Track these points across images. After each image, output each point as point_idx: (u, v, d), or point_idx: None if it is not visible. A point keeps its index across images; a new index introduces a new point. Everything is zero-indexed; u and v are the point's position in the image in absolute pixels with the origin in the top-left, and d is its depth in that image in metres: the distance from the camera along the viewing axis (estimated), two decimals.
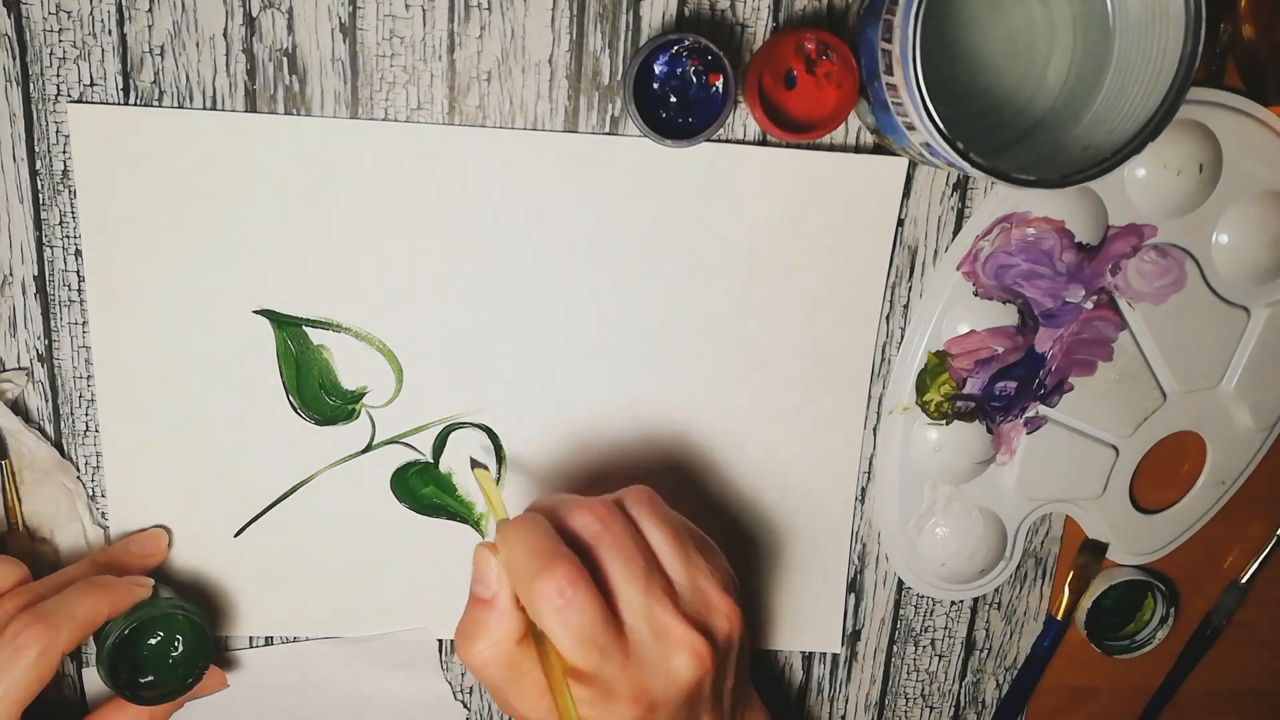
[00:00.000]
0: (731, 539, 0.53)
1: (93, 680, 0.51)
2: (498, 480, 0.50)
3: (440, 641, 0.53)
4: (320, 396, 0.49)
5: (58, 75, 0.45)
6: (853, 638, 0.56)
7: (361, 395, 0.49)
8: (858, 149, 0.48)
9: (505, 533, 0.40)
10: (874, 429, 0.52)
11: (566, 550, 0.38)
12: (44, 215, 0.46)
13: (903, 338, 0.51)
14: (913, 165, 0.49)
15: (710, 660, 0.39)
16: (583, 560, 0.39)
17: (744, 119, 0.48)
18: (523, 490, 0.51)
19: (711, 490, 0.52)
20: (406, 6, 0.45)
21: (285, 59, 0.45)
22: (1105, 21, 0.43)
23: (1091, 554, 0.55)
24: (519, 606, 0.39)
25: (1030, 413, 0.52)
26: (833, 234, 0.49)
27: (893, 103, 0.41)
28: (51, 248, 0.47)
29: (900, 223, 0.50)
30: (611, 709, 0.38)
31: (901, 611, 0.56)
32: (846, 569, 0.54)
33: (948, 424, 0.51)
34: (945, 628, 0.56)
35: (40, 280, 0.47)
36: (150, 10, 0.44)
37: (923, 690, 0.57)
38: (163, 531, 0.50)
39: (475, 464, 0.49)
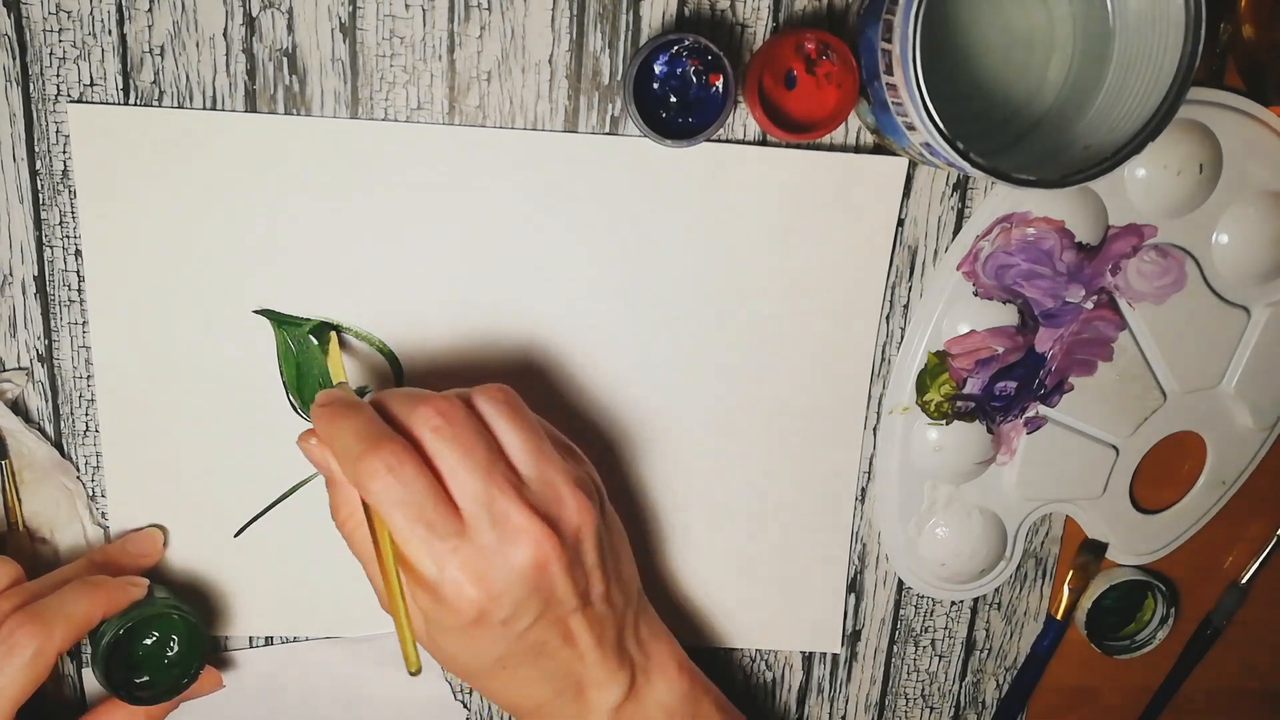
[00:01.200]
0: (731, 538, 0.53)
1: (92, 680, 0.51)
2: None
3: None
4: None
5: (58, 75, 0.45)
6: (853, 638, 0.56)
7: (362, 395, 0.49)
8: (858, 149, 0.48)
9: (327, 419, 0.40)
10: (874, 429, 0.52)
11: (395, 434, 0.39)
12: (44, 215, 0.46)
13: (903, 338, 0.51)
14: (913, 165, 0.49)
15: (555, 550, 0.39)
16: (422, 454, 0.39)
17: (744, 119, 0.48)
18: None
19: (712, 490, 0.52)
20: (406, 6, 0.45)
21: (285, 59, 0.45)
22: (1105, 21, 0.43)
23: (1091, 554, 0.55)
24: None
25: (1030, 413, 0.52)
26: (833, 234, 0.49)
27: (893, 103, 0.41)
28: (51, 248, 0.47)
29: (900, 223, 0.50)
30: (451, 590, 0.38)
31: (901, 611, 0.56)
32: (846, 569, 0.54)
33: (948, 424, 0.51)
34: (945, 628, 0.56)
35: (40, 280, 0.47)
36: (150, 10, 0.44)
37: (923, 690, 0.57)
38: (158, 531, 0.50)
39: (326, 327, 0.48)
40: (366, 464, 0.37)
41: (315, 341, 0.48)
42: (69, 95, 0.45)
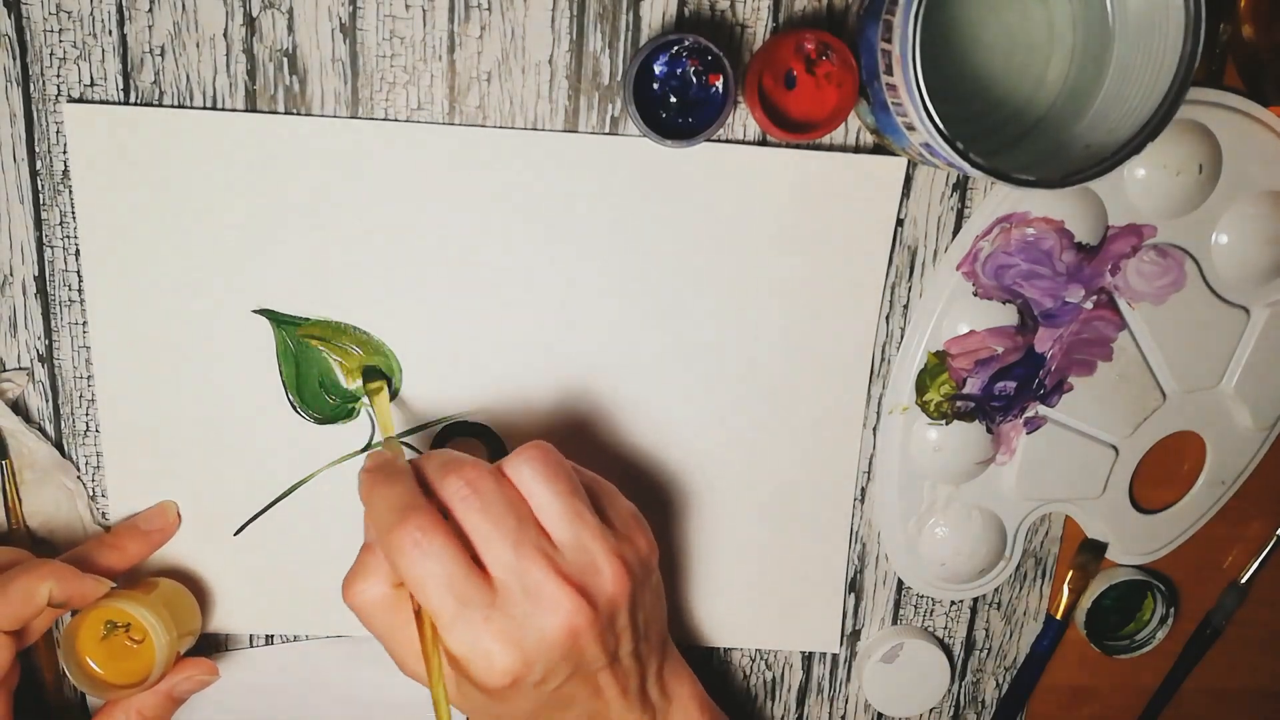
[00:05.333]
0: (731, 539, 0.53)
1: None
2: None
3: None
4: (320, 395, 0.49)
5: (58, 75, 0.45)
6: (853, 638, 0.56)
7: (361, 394, 0.49)
8: (858, 149, 0.48)
9: (368, 486, 0.40)
10: (874, 429, 0.52)
11: (426, 503, 0.39)
12: (44, 215, 0.46)
13: (902, 338, 0.51)
14: (912, 165, 0.49)
15: (587, 620, 0.39)
16: (453, 523, 0.39)
17: (744, 119, 0.48)
18: None
19: (711, 490, 0.52)
20: (406, 6, 0.45)
21: (285, 59, 0.45)
22: (1105, 22, 0.43)
23: (1091, 554, 0.55)
24: None
25: (1030, 413, 0.52)
26: (833, 234, 0.49)
27: (893, 103, 0.41)
28: (52, 248, 0.47)
29: (900, 223, 0.50)
30: (483, 661, 0.38)
31: (901, 611, 0.56)
32: (846, 569, 0.54)
33: (948, 424, 0.51)
34: (945, 627, 0.56)
35: (40, 280, 0.47)
36: (150, 10, 0.44)
37: None
38: (172, 504, 0.49)
39: (370, 377, 0.48)
40: (395, 538, 0.38)
41: (363, 387, 0.49)
42: (69, 95, 0.45)
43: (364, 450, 0.50)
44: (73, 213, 0.46)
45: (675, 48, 0.44)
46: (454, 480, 0.39)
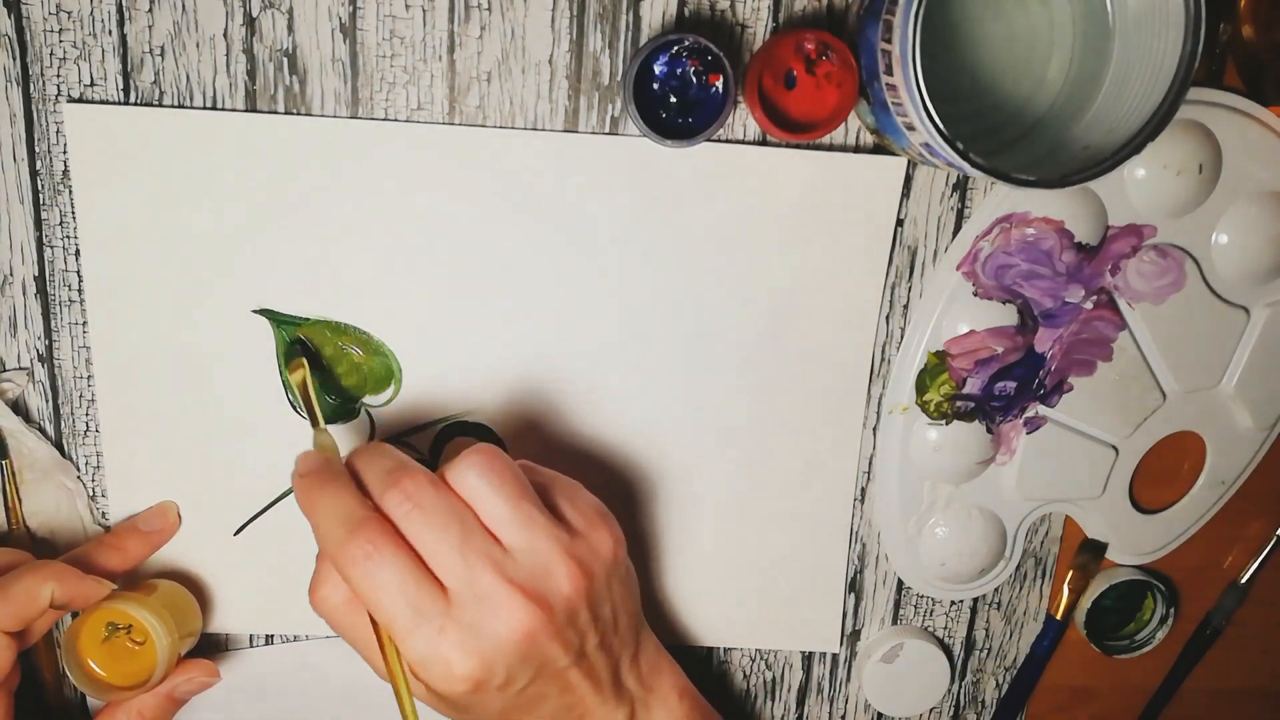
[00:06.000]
0: (731, 539, 0.53)
1: None
2: None
3: None
4: (320, 395, 0.49)
5: (58, 75, 0.45)
6: (853, 638, 0.56)
7: (361, 395, 0.49)
8: (858, 149, 0.48)
9: (311, 499, 0.40)
10: (874, 429, 0.52)
11: (370, 512, 0.39)
12: (44, 215, 0.46)
13: (902, 338, 0.51)
14: (912, 165, 0.49)
15: (541, 623, 0.39)
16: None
17: (744, 119, 0.48)
18: None
19: (711, 490, 0.52)
20: (406, 7, 0.45)
21: (285, 59, 0.45)
22: (1105, 21, 0.43)
23: (1091, 554, 0.55)
24: None
25: (1030, 413, 0.52)
26: (833, 234, 0.49)
27: (893, 103, 0.41)
28: (52, 248, 0.47)
29: (900, 223, 0.50)
30: (443, 668, 0.38)
31: (901, 611, 0.56)
32: (846, 569, 0.54)
33: (947, 424, 0.51)
34: (945, 627, 0.56)
35: (40, 280, 0.47)
36: (150, 10, 0.44)
37: None
38: (172, 504, 0.49)
39: (291, 357, 0.47)
40: (344, 553, 0.38)
41: (283, 370, 0.48)
42: (69, 95, 0.45)
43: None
44: (73, 213, 0.46)
45: (675, 48, 0.44)
46: (394, 495, 0.39)
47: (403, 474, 0.40)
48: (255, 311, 0.48)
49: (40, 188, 0.46)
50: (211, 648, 0.52)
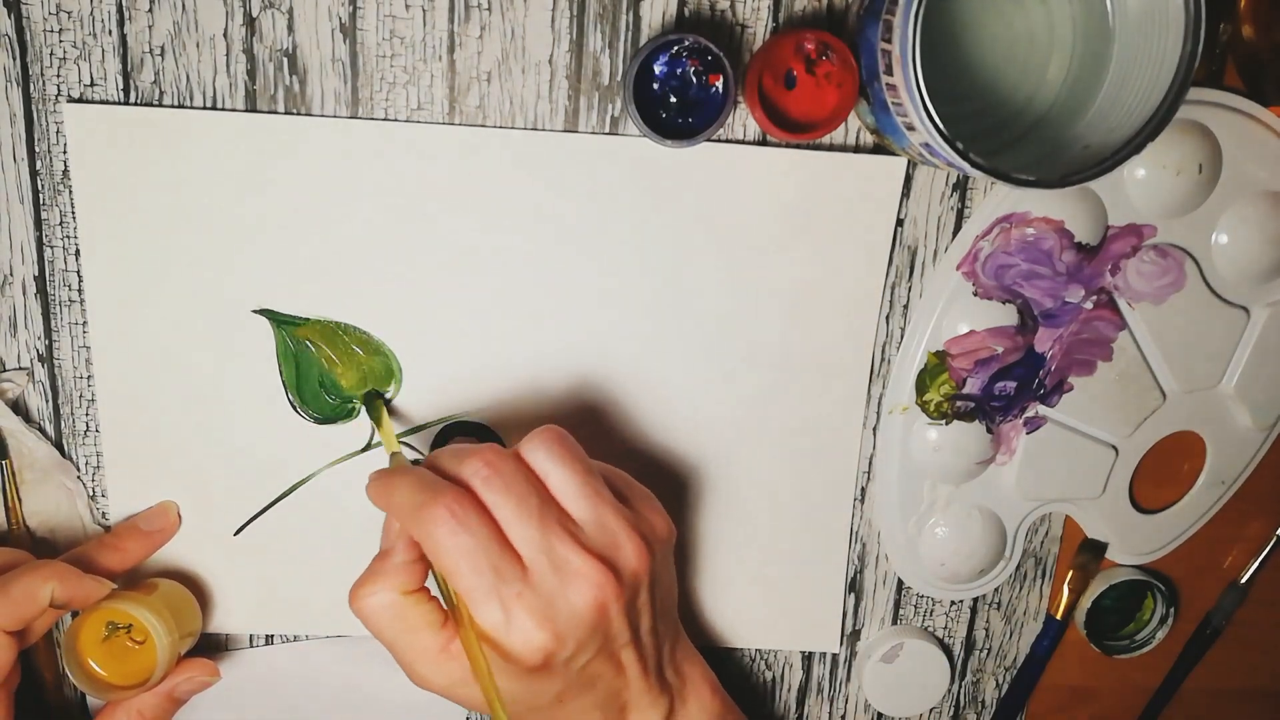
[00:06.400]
0: (731, 538, 0.53)
1: None
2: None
3: None
4: (320, 395, 0.49)
5: (58, 75, 0.45)
6: (853, 638, 0.56)
7: (359, 395, 0.49)
8: (858, 149, 0.48)
9: (386, 481, 0.40)
10: (874, 429, 0.52)
11: (454, 484, 0.39)
12: (44, 215, 0.46)
13: (903, 338, 0.51)
14: (912, 165, 0.49)
15: (614, 592, 0.39)
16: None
17: (744, 119, 0.48)
18: None
19: (712, 490, 0.52)
20: (406, 7, 0.45)
21: (285, 59, 0.45)
22: (1105, 22, 0.43)
23: (1091, 554, 0.55)
24: (416, 560, 0.40)
25: (1030, 413, 0.52)
26: (833, 234, 0.49)
27: (893, 103, 0.41)
28: (52, 248, 0.47)
29: (900, 223, 0.50)
30: (519, 636, 0.38)
31: (901, 611, 0.56)
32: (846, 569, 0.54)
33: (947, 424, 0.51)
34: (945, 627, 0.56)
35: (40, 280, 0.47)
36: (150, 10, 0.44)
37: None
38: (172, 504, 0.49)
39: (372, 395, 0.49)
40: (429, 511, 0.38)
41: (365, 409, 0.49)
42: (69, 95, 0.45)
43: (364, 450, 0.50)
44: (73, 213, 0.46)
45: (675, 48, 0.44)
46: (473, 462, 0.39)
47: (480, 447, 0.40)
48: (255, 311, 0.48)
49: (40, 188, 0.46)
50: (211, 648, 0.52)
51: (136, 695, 0.46)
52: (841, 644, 0.56)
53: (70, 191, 0.46)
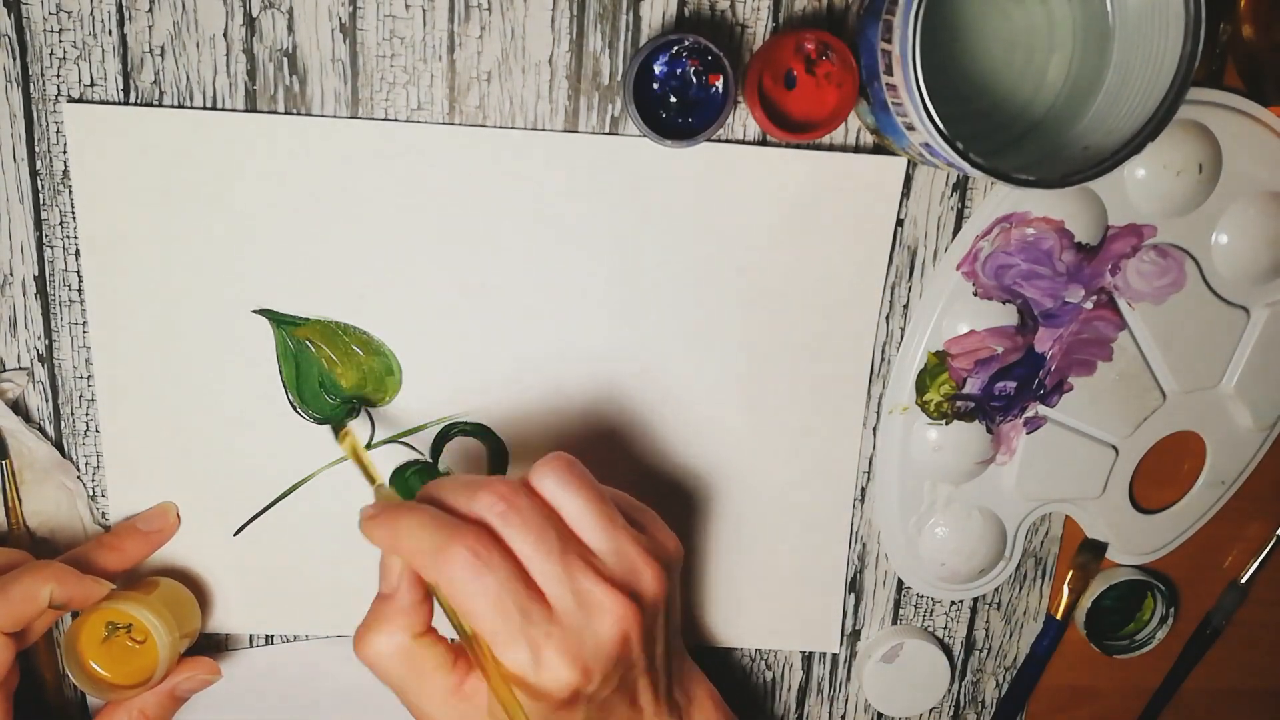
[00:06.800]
0: (731, 539, 0.53)
1: None
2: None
3: None
4: (320, 395, 0.49)
5: (58, 75, 0.45)
6: (853, 638, 0.56)
7: (357, 395, 0.49)
8: (858, 149, 0.48)
9: (389, 521, 0.38)
10: (874, 429, 0.52)
11: (470, 522, 0.38)
12: (44, 215, 0.46)
13: (902, 338, 0.51)
14: (912, 165, 0.49)
15: (636, 621, 0.38)
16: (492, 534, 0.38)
17: (744, 119, 0.48)
18: None
19: (712, 490, 0.52)
20: (406, 7, 0.45)
21: (285, 59, 0.45)
22: (1105, 22, 0.43)
23: (1091, 554, 0.55)
24: (422, 601, 0.39)
25: (1030, 413, 0.52)
26: (832, 234, 0.49)
27: (893, 103, 0.41)
28: (52, 248, 0.47)
29: (900, 223, 0.50)
30: (548, 675, 0.37)
31: (901, 611, 0.56)
32: (846, 569, 0.54)
33: (947, 424, 0.51)
34: (945, 627, 0.56)
35: (40, 280, 0.47)
36: (150, 10, 0.44)
37: None
38: (171, 505, 0.49)
39: (338, 425, 0.48)
40: (449, 554, 0.36)
41: (334, 435, 0.47)
42: (69, 95, 0.45)
43: (364, 450, 0.50)
44: (73, 213, 0.46)
45: (675, 48, 0.44)
46: (487, 497, 0.38)
47: (489, 481, 0.39)
48: (255, 311, 0.48)
49: (40, 188, 0.46)
50: (211, 648, 0.52)
51: (138, 695, 0.46)
52: (841, 644, 0.56)
53: (70, 191, 0.46)
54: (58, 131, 0.45)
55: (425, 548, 0.37)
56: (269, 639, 0.52)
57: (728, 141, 0.47)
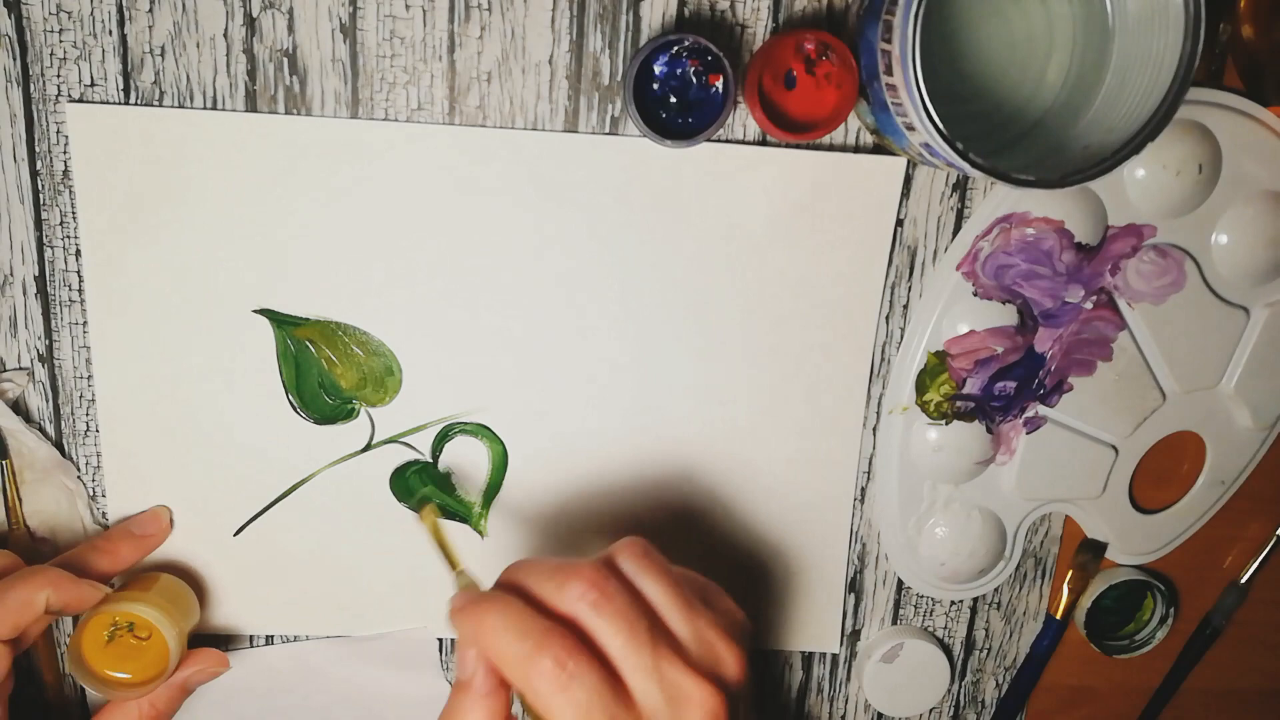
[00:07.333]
0: (731, 539, 0.53)
1: None
2: (485, 478, 0.50)
3: (440, 641, 0.53)
4: (319, 396, 0.49)
5: (58, 75, 0.45)
6: (853, 638, 0.56)
7: (355, 395, 0.49)
8: (857, 149, 0.48)
9: (474, 616, 0.38)
10: (874, 429, 0.52)
11: (556, 624, 0.37)
12: (44, 215, 0.46)
13: (902, 338, 0.51)
14: (912, 165, 0.49)
15: (723, 710, 0.38)
16: (579, 631, 0.37)
17: (744, 119, 0.48)
18: (523, 492, 0.51)
19: (711, 490, 0.52)
20: (406, 7, 0.45)
21: (285, 59, 0.45)
22: (1105, 22, 0.43)
23: (1091, 554, 0.55)
24: (499, 686, 0.38)
25: (1030, 413, 0.52)
26: (832, 234, 0.49)
27: (892, 103, 0.41)
28: (52, 248, 0.47)
29: (900, 223, 0.50)
30: None
31: (901, 611, 0.56)
32: (846, 569, 0.54)
33: (947, 424, 0.51)
34: (945, 627, 0.56)
35: (41, 280, 0.47)
36: (151, 10, 0.44)
37: None
38: (164, 509, 0.50)
39: (420, 504, 0.48)
40: (536, 665, 0.35)
41: (417, 513, 0.48)
42: (69, 95, 0.45)
43: (364, 450, 0.50)
44: (73, 213, 0.46)
45: (675, 48, 0.44)
46: (578, 586, 0.37)
47: (583, 566, 0.38)
48: (255, 311, 0.48)
49: (40, 188, 0.46)
50: (212, 647, 0.52)
51: (152, 689, 0.46)
52: (841, 644, 0.56)
53: (70, 191, 0.46)
54: (58, 131, 0.45)
55: (510, 655, 0.36)
56: (269, 639, 0.52)
57: (728, 141, 0.47)
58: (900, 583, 0.55)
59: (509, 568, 0.40)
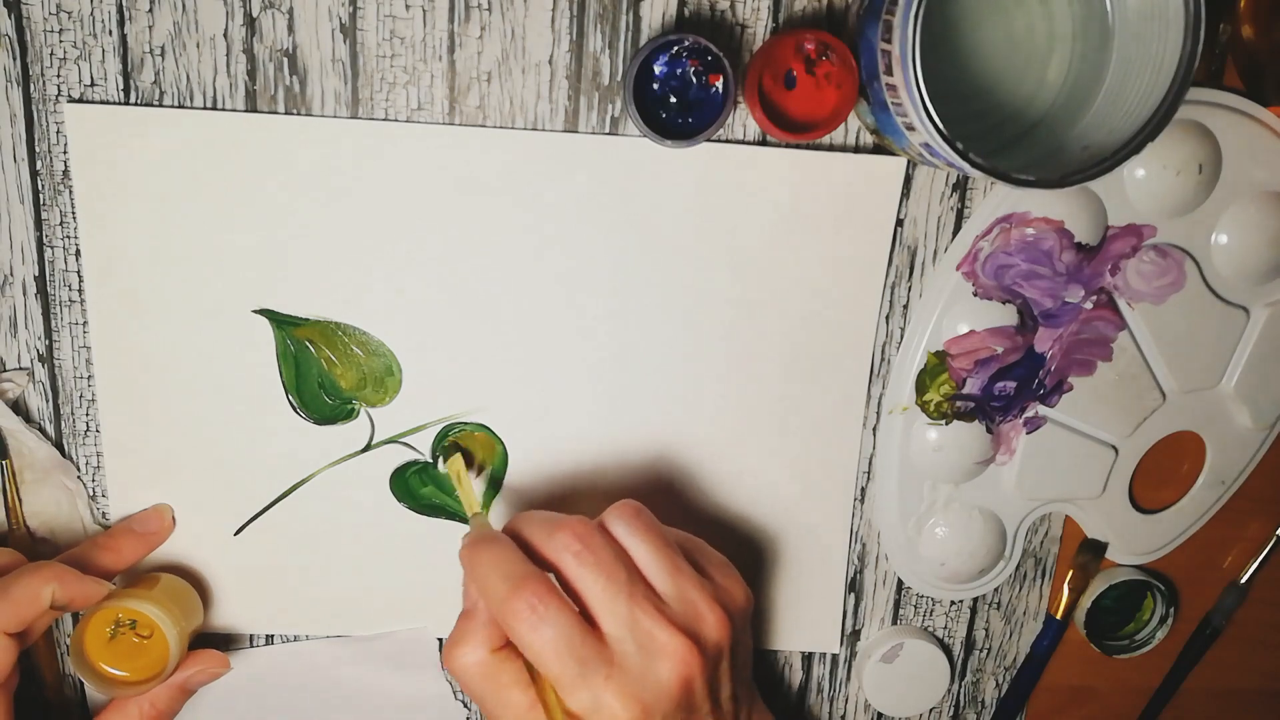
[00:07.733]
0: (731, 539, 0.53)
1: None
2: (485, 476, 0.51)
3: (440, 641, 0.53)
4: (319, 396, 0.49)
5: (58, 75, 0.45)
6: (853, 638, 0.56)
7: (354, 396, 0.49)
8: (857, 149, 0.48)
9: (475, 558, 0.41)
10: (874, 429, 0.52)
11: (536, 569, 0.40)
12: (44, 215, 0.46)
13: (902, 338, 0.51)
14: (912, 165, 0.49)
15: (699, 666, 0.40)
16: (562, 579, 0.40)
17: (744, 119, 0.48)
18: (524, 489, 0.51)
19: (711, 490, 0.52)
20: (406, 7, 0.45)
21: (285, 59, 0.45)
22: (1105, 22, 0.43)
23: (1091, 553, 0.55)
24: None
25: (1030, 413, 0.52)
26: (832, 234, 0.49)
27: (892, 103, 0.41)
28: (52, 248, 0.47)
29: (899, 223, 0.50)
30: (607, 715, 0.39)
31: (901, 611, 0.56)
32: (846, 569, 0.54)
33: (947, 424, 0.51)
34: (945, 627, 0.56)
35: (41, 280, 0.47)
36: (151, 10, 0.44)
37: None
38: (166, 507, 0.50)
39: (449, 451, 0.49)
40: (510, 606, 0.39)
41: (440, 466, 0.50)
42: (69, 95, 0.45)
43: (364, 450, 0.50)
44: (73, 213, 0.46)
45: (675, 48, 0.44)
46: (564, 535, 0.40)
47: (571, 520, 0.41)
48: (255, 311, 0.48)
49: (40, 188, 0.46)
50: (212, 647, 0.52)
51: (150, 689, 0.46)
52: (841, 644, 0.56)
53: (70, 191, 0.46)
54: (58, 131, 0.45)
55: (492, 593, 0.40)
56: (269, 639, 0.52)
57: (728, 141, 0.47)
58: (900, 583, 0.55)
59: (515, 516, 0.43)
